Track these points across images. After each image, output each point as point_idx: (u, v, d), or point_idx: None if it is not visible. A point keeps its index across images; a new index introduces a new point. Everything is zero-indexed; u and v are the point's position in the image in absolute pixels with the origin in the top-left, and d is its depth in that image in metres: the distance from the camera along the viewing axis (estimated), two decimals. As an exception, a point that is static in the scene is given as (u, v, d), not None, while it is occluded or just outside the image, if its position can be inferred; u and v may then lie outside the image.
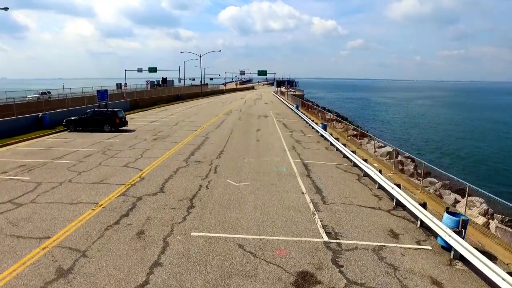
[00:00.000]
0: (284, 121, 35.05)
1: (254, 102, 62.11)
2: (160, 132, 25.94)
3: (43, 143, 21.76)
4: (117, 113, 25.65)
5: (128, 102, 42.59)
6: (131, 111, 40.90)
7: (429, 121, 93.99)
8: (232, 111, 42.28)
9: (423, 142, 61.85)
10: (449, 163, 45.35)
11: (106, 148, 20.00)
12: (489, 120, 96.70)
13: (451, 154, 50.37)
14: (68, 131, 25.86)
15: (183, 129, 27.30)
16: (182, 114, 38.03)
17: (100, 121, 25.39)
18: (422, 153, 51.30)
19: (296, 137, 25.99)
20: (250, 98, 74.53)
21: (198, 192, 12.86)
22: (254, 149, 20.76)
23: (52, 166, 16.02)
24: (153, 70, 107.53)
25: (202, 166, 16.39)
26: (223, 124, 30.74)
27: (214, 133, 25.65)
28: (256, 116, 37.71)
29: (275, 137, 25.14)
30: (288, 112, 43.79)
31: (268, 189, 13.49)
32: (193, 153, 19.16)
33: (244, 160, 17.80)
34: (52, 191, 12.61)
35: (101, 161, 16.94)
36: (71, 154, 18.46)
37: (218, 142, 22.48)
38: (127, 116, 36.93)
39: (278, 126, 30.78)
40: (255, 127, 29.72)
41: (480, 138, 69.29)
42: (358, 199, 13.01)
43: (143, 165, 16.36)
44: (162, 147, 20.45)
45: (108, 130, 25.31)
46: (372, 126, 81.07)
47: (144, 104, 47.36)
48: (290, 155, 19.55)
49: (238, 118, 35.59)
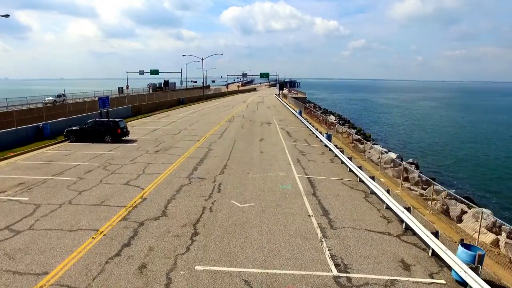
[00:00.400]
0: (288, 128, 34.65)
1: (256, 106, 61.71)
2: (162, 142, 25.56)
3: (43, 155, 21.42)
4: (119, 123, 25.29)
5: (130, 109, 42.27)
6: (133, 118, 40.59)
7: (432, 123, 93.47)
8: (234, 118, 41.89)
9: (427, 145, 61.36)
10: (454, 168, 44.89)
11: (107, 162, 19.64)
12: (493, 123, 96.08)
13: (456, 159, 49.87)
14: (69, 142, 25.53)
15: (185, 139, 26.92)
16: (184, 121, 37.66)
17: (101, 132, 25.04)
18: (426, 158, 50.91)
19: (300, 147, 25.59)
20: (252, 102, 74.15)
21: (201, 215, 12.48)
22: (258, 163, 20.37)
23: (52, 184, 15.67)
24: (155, 73, 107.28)
25: (206, 184, 16.01)
26: (225, 133, 30.34)
27: (217, 144, 25.26)
28: (259, 123, 37.31)
29: (279, 148, 24.75)
30: (291, 119, 43.38)
31: (273, 211, 13.10)
32: (196, 168, 18.78)
33: (248, 176, 17.41)
34: (52, 214, 12.25)
35: (101, 178, 16.58)
36: (71, 169, 18.11)
37: (221, 154, 22.10)
38: (129, 123, 36.71)
39: (282, 135, 30.38)
40: (258, 136, 29.33)
41: (484, 141, 68.72)
42: (366, 222, 12.61)
43: (145, 182, 15.99)
44: (164, 160, 20.08)
45: (109, 141, 24.95)
46: (375, 129, 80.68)
47: (146, 109, 47.03)
48: (295, 170, 19.15)
49: (241, 126, 35.19)
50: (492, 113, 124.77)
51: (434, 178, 40.63)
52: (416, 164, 43.99)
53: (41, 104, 65.49)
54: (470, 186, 38.87)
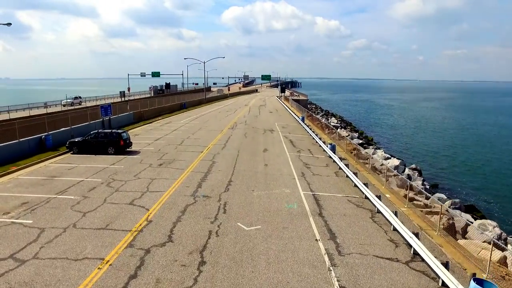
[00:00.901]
0: (291, 136, 34.48)
1: (258, 111, 61.56)
2: (165, 154, 25.42)
3: (46, 170, 21.29)
4: (122, 135, 25.14)
5: (132, 115, 42.14)
6: (136, 125, 40.45)
7: (434, 126, 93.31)
8: (237, 124, 41.74)
9: (429, 149, 61.33)
10: (457, 173, 44.84)
11: (110, 177, 19.50)
12: (494, 125, 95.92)
13: (458, 163, 49.83)
14: (72, 153, 25.40)
15: (188, 150, 26.77)
16: (186, 129, 37.49)
17: (104, 143, 24.90)
18: (428, 162, 50.83)
19: (304, 159, 25.43)
20: (254, 105, 74.00)
21: (208, 240, 12.33)
22: (263, 177, 20.23)
23: (56, 203, 15.53)
24: (156, 75, 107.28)
25: (211, 203, 15.86)
26: (229, 143, 30.18)
27: (220, 156, 25.10)
28: (262, 131, 37.15)
29: (283, 160, 24.60)
30: (294, 125, 43.20)
31: (280, 235, 12.95)
32: (200, 184, 18.63)
33: (253, 194, 17.26)
34: (56, 240, 12.11)
35: (106, 196, 16.44)
36: (75, 186, 17.97)
37: (225, 168, 21.94)
38: (131, 130, 36.59)
39: (285, 145, 30.22)
40: (261, 146, 29.17)
41: (486, 145, 68.61)
42: (374, 247, 12.45)
43: (150, 202, 15.84)
44: (168, 176, 19.94)
45: (112, 153, 24.81)
46: (377, 132, 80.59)
47: (148, 115, 46.89)
48: (300, 185, 19.00)
49: (243, 134, 35.03)
50: (494, 115, 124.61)
51: (437, 184, 40.67)
52: (419, 170, 43.83)
53: (43, 108, 65.80)
54: (473, 191, 38.81)
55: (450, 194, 37.64)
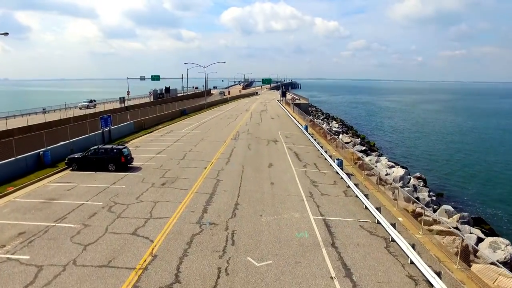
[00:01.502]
0: (295, 148, 33.72)
1: (260, 117, 60.81)
2: (167, 171, 24.61)
3: (45, 190, 20.49)
4: (123, 151, 24.34)
5: (132, 125, 41.34)
6: (136, 135, 39.64)
7: (436, 130, 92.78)
8: (239, 134, 40.95)
9: (432, 155, 60.86)
10: (461, 181, 44.34)
11: (111, 200, 18.71)
12: (497, 129, 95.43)
13: (462, 170, 49.39)
14: (71, 170, 24.59)
15: (191, 166, 25.99)
16: (188, 140, 36.66)
17: (105, 160, 24.10)
18: (432, 169, 50.26)
19: (311, 175, 24.68)
20: (255, 111, 73.23)
21: (217, 281, 11.57)
22: (270, 199, 19.49)
23: (54, 233, 14.75)
24: (156, 78, 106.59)
25: (218, 233, 15.08)
26: (232, 156, 29.39)
27: (225, 173, 24.33)
28: (265, 142, 36.38)
29: (289, 177, 23.83)
30: (297, 134, 42.44)
31: (293, 272, 12.20)
32: (205, 208, 17.85)
33: (261, 220, 16.50)
34: (55, 282, 11.32)
35: (107, 224, 15.65)
36: (74, 211, 17.18)
37: (230, 187, 21.18)
38: (131, 141, 35.82)
39: (290, 158, 29.47)
40: (266, 160, 28.42)
41: (490, 150, 68.07)
42: (392, 285, 11.73)
43: (154, 231, 15.06)
44: (171, 198, 19.15)
45: (113, 170, 24.01)
46: (379, 136, 79.96)
47: (148, 123, 46.09)
48: (309, 208, 18.26)
49: (247, 145, 34.25)
50: (496, 117, 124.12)
51: (443, 193, 40.13)
52: (424, 179, 43.32)
53: (41, 113, 64.97)
54: (478, 199, 37.79)
55: (456, 204, 37.11)
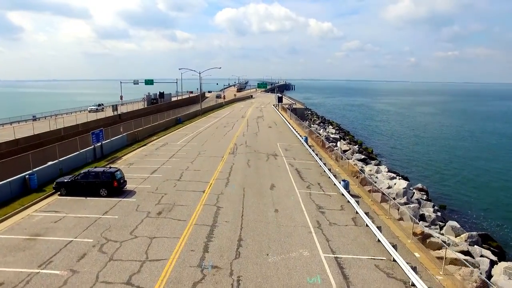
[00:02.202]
0: (296, 164, 32.25)
1: (257, 125, 59.31)
2: (163, 195, 22.98)
3: (29, 222, 18.77)
4: (115, 175, 22.66)
5: (125, 137, 39.58)
6: (129, 148, 37.90)
7: (433, 134, 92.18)
8: (237, 147, 39.37)
9: (431, 163, 60.28)
10: (463, 191, 43.84)
11: (103, 236, 17.08)
12: (494, 133, 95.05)
13: (463, 180, 48.83)
14: (59, 195, 22.86)
15: (189, 189, 24.38)
16: (184, 155, 34.91)
17: (96, 184, 22.42)
18: (433, 179, 49.38)
19: (316, 198, 23.25)
20: (251, 117, 71.72)
21: None
22: (275, 231, 18.03)
23: (38, 284, 13.10)
24: (149, 82, 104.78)
25: (222, 280, 13.54)
26: (232, 176, 27.81)
27: (225, 198, 22.74)
28: (265, 157, 34.83)
29: (293, 202, 22.35)
30: (297, 146, 40.98)
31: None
32: (206, 245, 16.29)
33: (268, 261, 15.00)
34: None
35: (98, 270, 14.02)
36: (61, 251, 15.52)
37: (232, 217, 19.63)
38: (124, 157, 34.12)
39: (292, 176, 28.00)
40: (267, 180, 26.90)
41: (489, 157, 67.43)
42: None
43: (150, 279, 13.47)
44: (169, 232, 17.55)
45: (105, 195, 22.35)
46: (377, 142, 78.98)
47: (142, 134, 44.35)
48: (319, 243, 16.83)
49: (246, 161, 32.67)
50: (492, 121, 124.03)
51: (445, 205, 39.12)
52: (426, 190, 42.36)
53: (31, 121, 62.87)
54: (481, 209, 37.31)
55: (460, 217, 36.20)
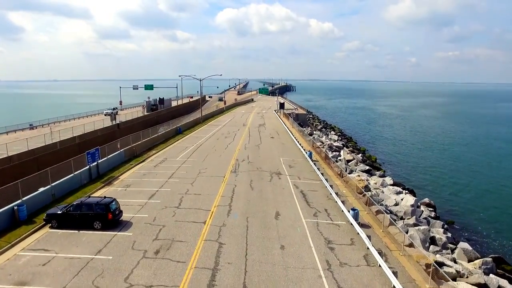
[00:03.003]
0: (301, 185, 30.79)
1: (259, 135, 57.86)
2: (162, 228, 21.51)
3: (15, 266, 17.27)
4: (110, 206, 21.20)
5: (123, 153, 38.11)
6: (127, 165, 36.43)
7: (436, 140, 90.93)
8: (239, 164, 37.85)
9: (437, 173, 59.21)
10: (470, 205, 43.48)
11: (95, 285, 15.62)
12: (498, 139, 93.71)
13: (470, 192, 48.23)
14: (50, 227, 21.43)
15: (189, 219, 22.86)
16: (183, 174, 33.23)
17: (89, 217, 20.98)
18: (439, 192, 48.25)
19: (323, 229, 21.82)
20: (253, 125, 70.26)
21: None
22: (283, 275, 16.65)
23: None
24: (149, 88, 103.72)
25: None
26: (234, 202, 26.21)
27: (227, 231, 21.21)
28: (268, 176, 33.31)
29: (300, 236, 20.88)
30: (301, 162, 39.47)
31: None
32: (207, 298, 14.86)
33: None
34: None
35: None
36: (48, 307, 14.10)
37: (235, 257, 18.15)
38: (121, 176, 32.66)
39: (298, 202, 26.53)
40: (271, 206, 25.42)
41: (496, 166, 66.19)
42: None
43: None
44: (167, 280, 16.04)
45: (99, 228, 20.92)
46: (380, 149, 77.75)
47: (140, 148, 42.89)
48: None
49: (249, 182, 31.14)
50: (495, 125, 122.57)
51: (453, 221, 37.97)
52: (433, 205, 41.21)
53: (28, 129, 61.34)
54: (489, 221, 37.12)
55: (470, 234, 35.21)
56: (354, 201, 27.64)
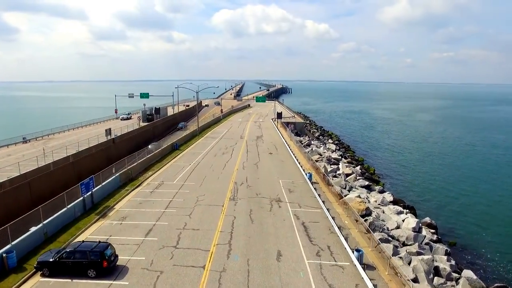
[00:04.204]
0: (302, 215, 29.95)
1: (257, 149, 57.07)
2: (160, 274, 20.52)
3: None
4: (105, 253, 20.24)
5: (118, 178, 37.05)
6: (122, 191, 35.37)
7: (436, 149, 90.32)
8: (237, 188, 36.86)
9: (435, 185, 58.70)
10: (474, 226, 42.92)
11: None
12: (498, 147, 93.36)
13: (473, 210, 47.46)
14: (41, 275, 20.43)
15: (187, 263, 21.86)
16: (180, 203, 32.07)
17: (83, 265, 20.01)
18: (438, 207, 47.81)
19: (328, 274, 21.00)
20: (250, 138, 69.41)
21: None
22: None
23: None
24: (144, 96, 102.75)
25: None
26: (234, 239, 25.19)
27: (227, 279, 20.31)
28: (268, 204, 32.36)
29: (304, 284, 20.03)
30: (300, 185, 38.59)
31: None
32: None
33: None
34: None
35: None
36: None
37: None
38: (117, 206, 31.62)
39: (300, 239, 25.61)
40: (273, 245, 24.47)
41: (494, 179, 65.63)
42: None
43: None
44: None
45: (93, 276, 19.96)
46: (378, 160, 77.17)
47: (136, 170, 41.83)
48: None
49: (249, 213, 30.13)
50: (495, 132, 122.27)
51: (455, 243, 37.39)
52: (435, 226, 40.59)
53: (21, 143, 60.02)
54: (493, 242, 36.81)
55: (474, 258, 34.76)
56: (357, 234, 26.86)
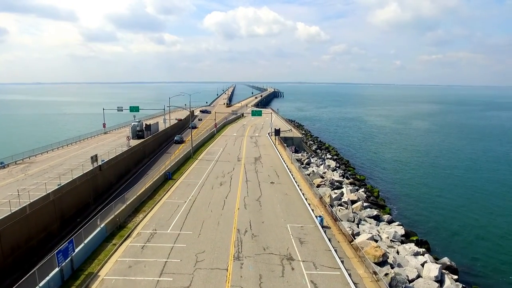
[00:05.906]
0: (319, 281, 25.67)
1: (257, 178, 52.80)
2: None
3: None
4: None
5: (104, 228, 32.15)
6: (109, 246, 30.53)
7: (438, 164, 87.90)
8: (242, 240, 32.32)
9: (446, 210, 56.92)
10: (489, 260, 40.00)
11: None
12: (503, 160, 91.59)
13: (485, 240, 45.19)
14: None
15: None
16: (177, 267, 27.39)
17: None
18: (454, 239, 45.06)
19: None
20: (248, 160, 65.07)
21: None
22: None
23: None
24: (134, 109, 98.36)
25: None
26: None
27: None
28: (279, 265, 27.89)
29: None
30: (311, 232, 34.26)
31: None
32: None
33: None
34: None
35: None
36: None
37: None
38: (101, 270, 26.84)
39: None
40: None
41: (502, 196, 64.03)
42: None
43: None
44: None
45: None
46: (381, 179, 73.72)
47: (124, 215, 36.98)
48: None
49: (258, 281, 25.76)
50: (498, 140, 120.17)
51: (478, 286, 34.68)
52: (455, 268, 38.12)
53: None
54: None
55: None
56: None
